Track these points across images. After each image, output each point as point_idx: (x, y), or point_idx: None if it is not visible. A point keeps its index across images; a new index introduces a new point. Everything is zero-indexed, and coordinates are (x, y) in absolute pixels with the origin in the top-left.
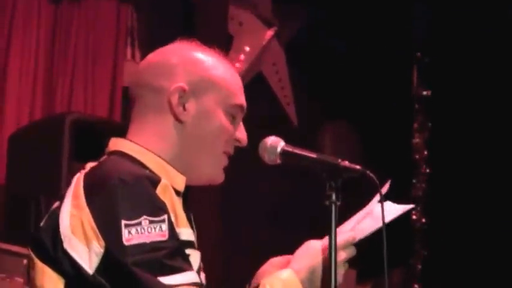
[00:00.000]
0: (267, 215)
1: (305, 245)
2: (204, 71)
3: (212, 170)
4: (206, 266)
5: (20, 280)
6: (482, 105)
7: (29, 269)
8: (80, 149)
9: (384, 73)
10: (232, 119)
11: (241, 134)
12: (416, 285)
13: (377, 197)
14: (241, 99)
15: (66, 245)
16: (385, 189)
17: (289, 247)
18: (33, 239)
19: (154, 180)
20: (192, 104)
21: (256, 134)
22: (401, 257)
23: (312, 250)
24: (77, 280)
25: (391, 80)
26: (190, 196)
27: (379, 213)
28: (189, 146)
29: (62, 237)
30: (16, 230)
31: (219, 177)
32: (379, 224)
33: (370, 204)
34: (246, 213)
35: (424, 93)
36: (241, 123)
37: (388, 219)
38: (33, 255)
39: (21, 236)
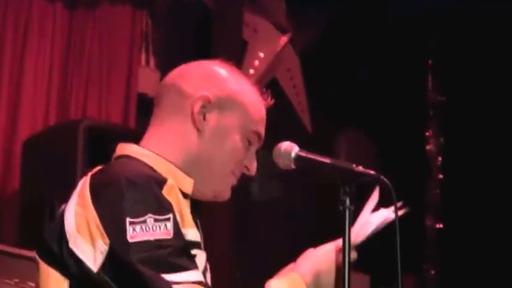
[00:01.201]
0: (280, 220)
1: (306, 252)
2: (234, 91)
3: (218, 187)
4: (217, 268)
5: (33, 285)
6: (497, 110)
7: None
8: (94, 155)
9: (398, 79)
10: (248, 144)
11: (252, 163)
12: None
13: (370, 203)
14: (261, 129)
15: (71, 244)
16: (376, 194)
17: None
18: (38, 242)
19: (160, 181)
20: (213, 117)
21: (270, 140)
22: (414, 262)
23: (314, 256)
24: (82, 279)
25: (405, 86)
26: (202, 211)
27: (369, 218)
28: (201, 156)
29: (68, 236)
30: (30, 235)
31: (224, 194)
32: (371, 229)
33: (365, 210)
34: (259, 216)
35: (439, 99)
36: (254, 154)
37: (380, 221)
38: (38, 258)
39: (35, 241)
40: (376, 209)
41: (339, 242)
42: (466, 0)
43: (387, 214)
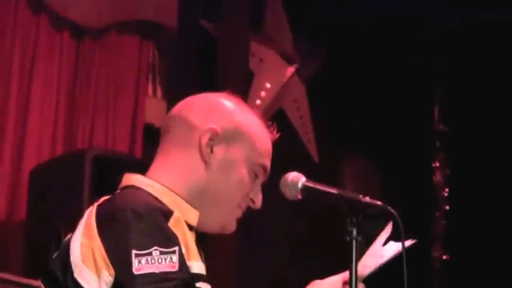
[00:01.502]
0: (286, 249)
1: (312, 284)
2: (241, 123)
3: (224, 220)
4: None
5: None
6: (503, 140)
7: None
8: (100, 185)
9: (404, 109)
10: (255, 177)
11: (258, 196)
12: None
13: (382, 236)
14: (267, 162)
15: (76, 275)
16: (389, 228)
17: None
18: (44, 271)
19: (167, 213)
20: (221, 149)
21: (277, 171)
22: None
23: None
24: None
25: (412, 116)
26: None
27: (379, 251)
28: (207, 189)
29: (73, 266)
30: (37, 264)
31: (230, 226)
32: (380, 262)
33: (376, 242)
34: (265, 247)
35: (444, 128)
36: (260, 187)
37: (390, 255)
38: (43, 287)
39: (41, 271)
40: (385, 241)
41: (346, 274)
42: (474, 28)
43: (397, 248)
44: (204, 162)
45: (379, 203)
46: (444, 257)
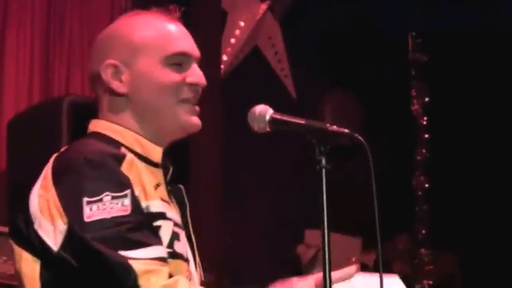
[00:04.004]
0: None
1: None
2: (128, 39)
3: (178, 120)
4: (207, 235)
5: None
6: (479, 70)
7: None
8: (78, 131)
9: (380, 41)
10: (179, 67)
11: (194, 76)
12: (422, 250)
13: (354, 267)
14: (179, 46)
15: (36, 226)
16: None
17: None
18: (10, 224)
19: (119, 157)
20: (127, 75)
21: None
22: (406, 222)
23: None
24: (47, 259)
25: (388, 46)
26: (192, 181)
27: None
28: (142, 112)
29: (33, 218)
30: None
31: (189, 124)
32: None
33: (347, 270)
34: (248, 192)
35: (421, 58)
36: (194, 66)
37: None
38: (11, 240)
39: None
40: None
41: (319, 277)
42: None
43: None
44: (123, 95)
45: (346, 130)
46: (426, 185)
